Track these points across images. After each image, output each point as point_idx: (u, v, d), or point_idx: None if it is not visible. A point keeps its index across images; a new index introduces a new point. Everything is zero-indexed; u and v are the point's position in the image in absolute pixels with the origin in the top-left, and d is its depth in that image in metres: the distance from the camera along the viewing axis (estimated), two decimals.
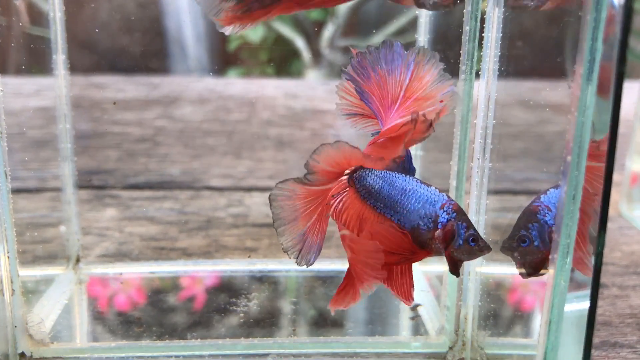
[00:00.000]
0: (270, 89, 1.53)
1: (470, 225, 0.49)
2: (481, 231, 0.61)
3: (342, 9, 2.00)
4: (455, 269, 0.50)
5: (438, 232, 0.49)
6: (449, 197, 0.51)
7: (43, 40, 0.80)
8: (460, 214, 0.50)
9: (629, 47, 0.41)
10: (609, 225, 0.88)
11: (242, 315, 0.61)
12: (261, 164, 1.08)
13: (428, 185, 0.51)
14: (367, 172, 0.51)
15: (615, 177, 1.13)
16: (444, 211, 0.50)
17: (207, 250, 0.73)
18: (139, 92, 1.51)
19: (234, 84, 1.61)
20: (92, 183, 0.96)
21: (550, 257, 0.48)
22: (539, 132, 1.12)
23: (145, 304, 0.64)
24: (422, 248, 0.50)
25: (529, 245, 0.52)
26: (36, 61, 0.78)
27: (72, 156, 0.73)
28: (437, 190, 0.51)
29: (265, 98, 1.49)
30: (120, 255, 0.72)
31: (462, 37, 0.53)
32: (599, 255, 0.46)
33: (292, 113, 1.39)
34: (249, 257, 0.69)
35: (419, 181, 0.51)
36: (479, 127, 0.57)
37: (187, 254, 0.73)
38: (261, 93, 1.53)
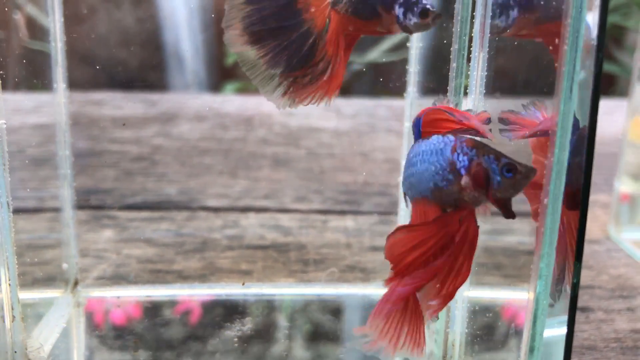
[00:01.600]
0: (267, 106, 1.55)
1: (498, 155, 0.41)
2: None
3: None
4: (507, 210, 0.42)
5: (465, 180, 0.41)
6: (457, 135, 0.43)
7: (42, 54, 0.81)
8: (479, 148, 0.42)
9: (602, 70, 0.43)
10: (597, 247, 0.90)
11: (235, 339, 0.63)
12: (257, 183, 1.09)
13: (430, 136, 0.43)
14: None
15: (604, 198, 1.14)
16: (458, 153, 0.42)
17: (203, 273, 0.75)
18: (137, 110, 1.52)
19: (231, 101, 1.63)
20: (90, 203, 0.98)
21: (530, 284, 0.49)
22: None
23: (142, 327, 0.65)
24: (458, 208, 0.42)
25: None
26: (35, 76, 0.79)
27: (72, 176, 0.75)
28: (442, 135, 0.43)
29: (261, 115, 1.51)
30: (118, 278, 0.74)
31: (451, 57, 0.54)
32: (575, 286, 0.48)
33: (287, 131, 1.41)
34: (243, 284, 0.70)
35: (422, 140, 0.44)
36: None
37: (182, 276, 0.74)
38: (258, 110, 1.55)
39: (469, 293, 0.65)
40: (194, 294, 0.70)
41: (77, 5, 0.71)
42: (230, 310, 0.68)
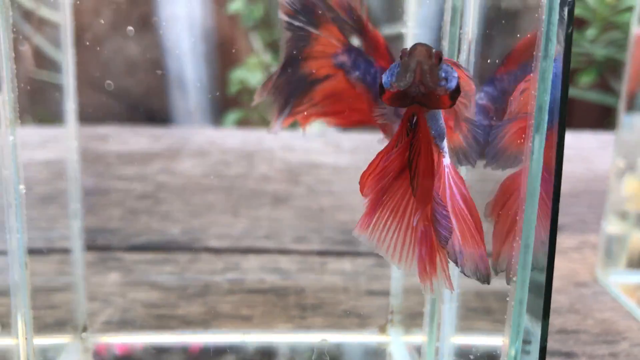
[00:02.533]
0: (268, 141, 1.60)
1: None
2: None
3: None
4: (406, 98, 0.43)
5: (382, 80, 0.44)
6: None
7: (50, 86, 0.84)
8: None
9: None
10: (584, 291, 0.93)
11: None
12: (257, 222, 1.13)
13: None
14: None
15: (592, 238, 1.17)
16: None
17: (205, 319, 0.78)
18: (141, 144, 1.57)
19: (233, 136, 1.68)
20: (97, 244, 1.01)
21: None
22: None
23: None
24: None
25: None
26: (43, 110, 0.81)
27: (82, 216, 0.78)
28: None
29: (262, 151, 1.55)
30: (124, 323, 0.77)
31: None
32: (542, 350, 0.51)
33: (288, 167, 1.45)
34: (243, 334, 0.74)
35: None
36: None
37: (186, 321, 0.78)
38: (259, 145, 1.59)
39: (459, 339, 0.68)
40: (196, 341, 0.73)
41: (81, 40, 0.73)
42: (231, 357, 0.71)
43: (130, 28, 0.59)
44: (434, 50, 0.41)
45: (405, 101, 0.43)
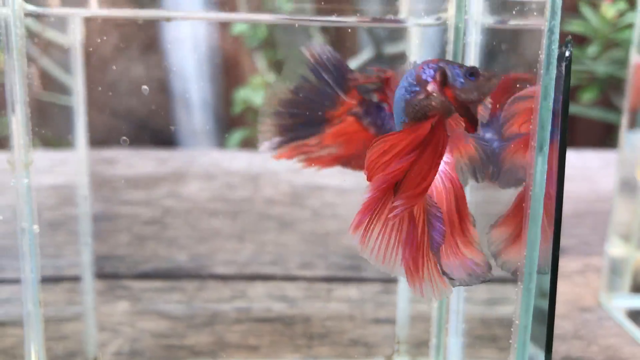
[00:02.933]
0: (273, 163, 1.61)
1: (462, 65, 0.44)
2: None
3: None
4: (471, 116, 0.44)
5: (431, 86, 0.44)
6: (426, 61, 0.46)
7: (57, 109, 0.86)
8: (445, 62, 0.45)
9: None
10: (589, 316, 0.94)
11: None
12: (263, 247, 1.14)
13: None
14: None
15: (596, 261, 1.18)
16: (424, 69, 0.45)
17: (213, 349, 0.79)
18: (147, 168, 1.58)
19: (238, 158, 1.69)
20: (105, 271, 1.02)
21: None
22: None
23: None
24: (425, 117, 0.45)
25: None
26: (49, 132, 0.82)
27: (92, 242, 0.79)
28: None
29: (267, 173, 1.56)
30: (134, 354, 0.78)
31: None
32: None
33: (293, 190, 1.47)
34: None
35: None
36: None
37: (194, 352, 0.79)
38: (264, 168, 1.60)
39: None
40: None
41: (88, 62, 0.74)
42: None
43: (145, 87, 0.60)
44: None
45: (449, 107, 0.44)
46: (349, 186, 1.64)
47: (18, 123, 0.53)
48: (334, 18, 0.61)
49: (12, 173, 0.53)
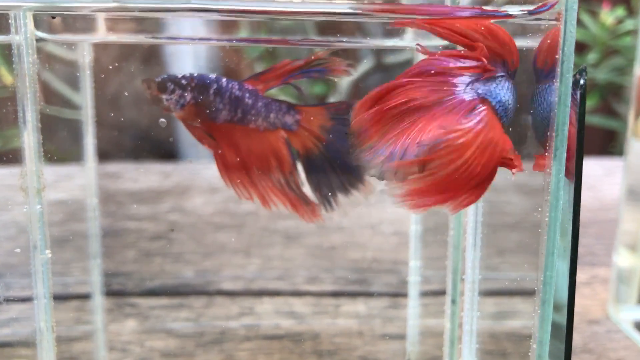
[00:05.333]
0: None
1: None
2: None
3: (345, 83, 2.10)
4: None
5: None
6: None
7: (60, 123, 0.85)
8: None
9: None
10: (598, 328, 0.94)
11: None
12: (270, 262, 1.14)
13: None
14: None
15: (602, 272, 1.18)
16: None
17: None
18: (151, 182, 1.58)
19: None
20: (113, 288, 1.02)
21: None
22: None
23: None
24: None
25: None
26: (53, 146, 0.82)
27: (101, 260, 0.79)
28: None
29: None
30: None
31: None
32: None
33: None
34: None
35: None
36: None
37: None
38: None
39: None
40: None
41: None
42: None
43: (162, 120, 0.61)
44: None
45: None
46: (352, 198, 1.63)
47: (30, 149, 0.53)
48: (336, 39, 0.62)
49: (25, 199, 0.53)
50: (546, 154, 0.42)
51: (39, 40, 0.55)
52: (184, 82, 0.59)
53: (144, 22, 0.69)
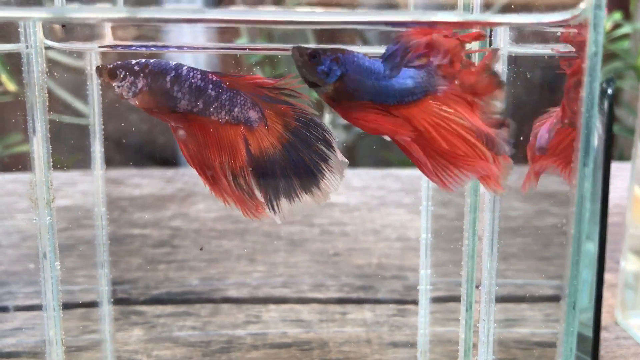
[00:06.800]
0: None
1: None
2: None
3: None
4: None
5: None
6: None
7: (61, 129, 0.85)
8: None
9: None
10: (606, 335, 0.93)
11: None
12: (274, 268, 1.14)
13: None
14: None
15: (609, 276, 1.17)
16: None
17: None
18: (154, 187, 1.58)
19: None
20: (118, 296, 1.02)
21: None
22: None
23: None
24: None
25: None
26: (58, 153, 0.81)
27: (109, 268, 0.78)
28: None
29: None
30: None
31: None
32: None
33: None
34: None
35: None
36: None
37: None
38: None
39: None
40: None
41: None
42: None
43: (201, 248, 0.61)
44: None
45: None
46: (356, 203, 1.63)
47: (40, 159, 0.52)
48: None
49: (34, 210, 0.52)
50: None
51: (47, 47, 0.55)
52: (136, 68, 0.58)
53: (145, 27, 0.68)
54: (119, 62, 0.58)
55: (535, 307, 0.98)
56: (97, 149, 0.69)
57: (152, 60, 0.59)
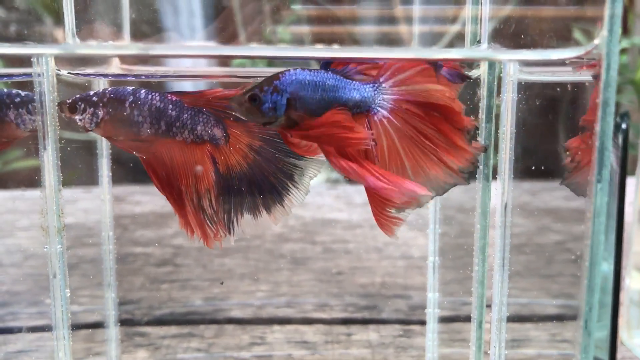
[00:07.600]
0: None
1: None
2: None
3: None
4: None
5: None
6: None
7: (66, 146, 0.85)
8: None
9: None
10: None
11: None
12: (277, 288, 1.13)
13: None
14: None
15: None
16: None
17: None
18: (155, 205, 1.57)
19: None
20: (121, 317, 1.01)
21: None
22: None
23: None
24: None
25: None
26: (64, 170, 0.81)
27: (115, 289, 0.77)
28: None
29: None
30: None
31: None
32: None
33: (302, 224, 1.46)
34: None
35: None
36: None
37: None
38: None
39: None
40: None
41: None
42: None
43: (222, 282, 0.62)
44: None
45: None
46: (358, 220, 1.63)
47: (51, 188, 0.52)
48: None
49: (45, 238, 0.52)
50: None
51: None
52: (95, 99, 0.58)
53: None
54: (78, 96, 0.58)
55: (541, 327, 0.98)
56: (105, 172, 0.69)
57: (109, 89, 0.60)
